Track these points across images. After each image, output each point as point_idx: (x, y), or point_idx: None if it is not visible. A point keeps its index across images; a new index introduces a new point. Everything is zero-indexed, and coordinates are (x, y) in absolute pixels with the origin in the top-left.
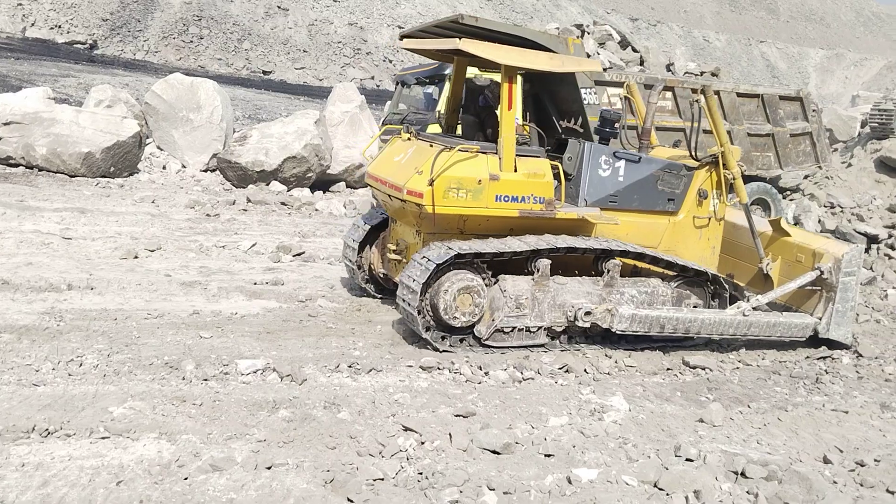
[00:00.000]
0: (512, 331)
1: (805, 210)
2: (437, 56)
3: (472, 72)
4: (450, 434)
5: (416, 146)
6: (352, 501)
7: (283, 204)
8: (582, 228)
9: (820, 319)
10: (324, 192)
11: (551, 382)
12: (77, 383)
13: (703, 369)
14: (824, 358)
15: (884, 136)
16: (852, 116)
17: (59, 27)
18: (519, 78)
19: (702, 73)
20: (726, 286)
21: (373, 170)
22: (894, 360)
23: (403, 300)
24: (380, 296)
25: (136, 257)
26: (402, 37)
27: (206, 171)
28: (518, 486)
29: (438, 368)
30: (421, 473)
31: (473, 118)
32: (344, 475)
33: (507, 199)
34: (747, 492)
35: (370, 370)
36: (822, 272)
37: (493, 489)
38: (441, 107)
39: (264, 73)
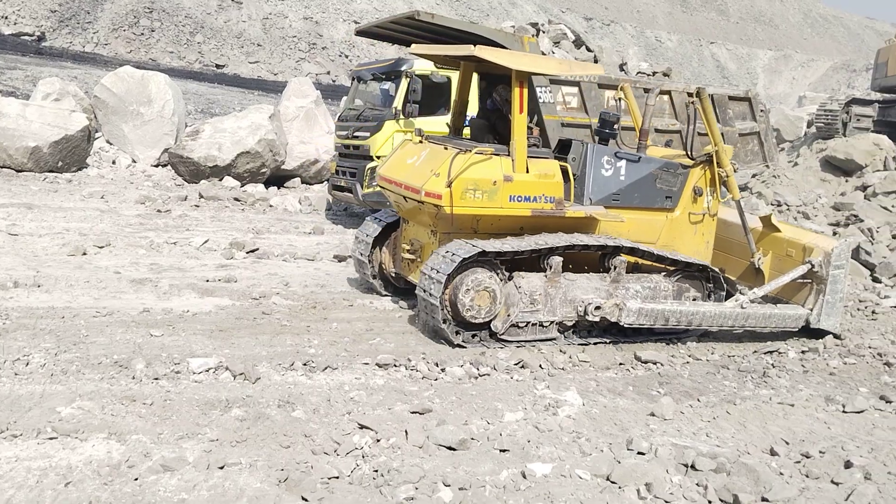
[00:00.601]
0: (526, 325)
1: (752, 208)
2: (444, 61)
3: (428, 67)
4: (406, 431)
5: (429, 149)
6: (306, 500)
7: (236, 200)
8: (588, 226)
9: (811, 310)
10: (278, 188)
11: (507, 378)
12: (24, 383)
13: (655, 364)
14: (771, 352)
15: (829, 136)
16: (799, 117)
17: (6, 18)
18: (475, 75)
19: (654, 73)
20: (724, 281)
21: (385, 172)
22: (839, 354)
23: (425, 290)
24: (386, 293)
25: (84, 254)
26: (358, 32)
27: (156, 166)
28: (473, 481)
29: (395, 366)
30: (376, 471)
31: (483, 121)
32: (298, 474)
33: (520, 199)
34: (697, 484)
35: (325, 368)
36: (812, 266)
37: (449, 485)
38: (398, 103)
39: (217, 66)
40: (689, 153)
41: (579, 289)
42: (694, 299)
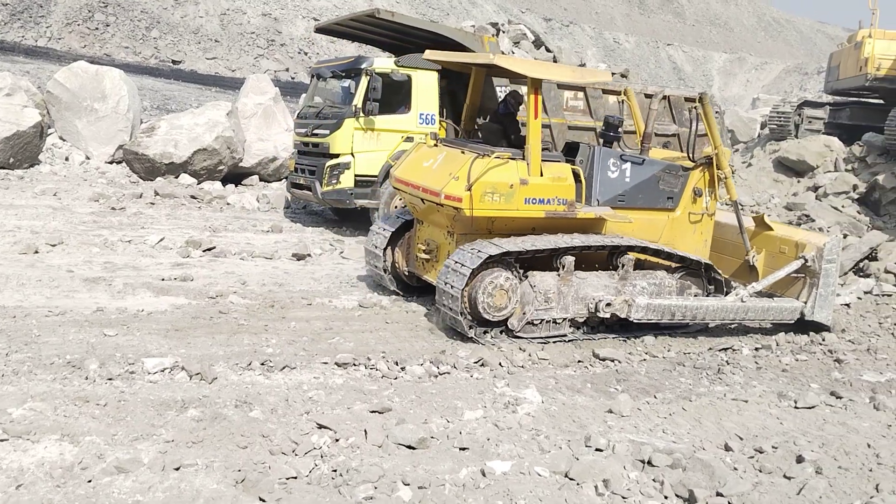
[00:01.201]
0: (540, 323)
1: None
2: (459, 67)
3: (388, 65)
4: (365, 430)
5: (445, 153)
6: (264, 501)
7: (192, 197)
8: (597, 226)
9: (805, 303)
10: (236, 186)
11: (467, 376)
12: None
13: (613, 361)
14: (725, 349)
15: (782, 138)
16: (752, 118)
17: None
18: (436, 74)
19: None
20: (723, 278)
21: (401, 174)
22: (791, 351)
23: (447, 282)
24: (395, 289)
25: (36, 252)
26: (318, 29)
27: (111, 162)
28: (433, 480)
29: (354, 365)
30: (335, 471)
31: (496, 125)
32: (256, 474)
33: (534, 201)
34: (654, 479)
35: (283, 367)
36: (806, 261)
37: (408, 484)
38: (357, 101)
39: (174, 62)
40: (690, 155)
41: (590, 286)
42: (695, 295)
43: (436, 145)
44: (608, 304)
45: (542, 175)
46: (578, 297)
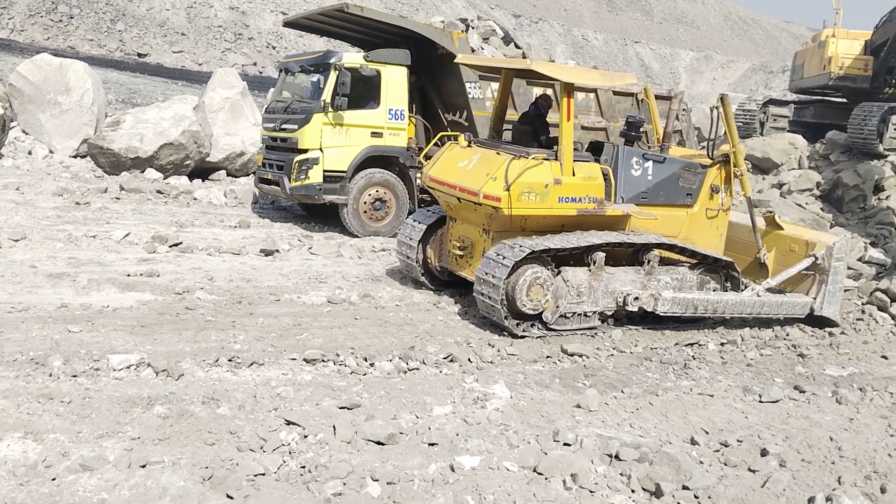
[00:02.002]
0: (572, 316)
1: None
2: (492, 71)
3: (357, 60)
4: (334, 426)
5: (480, 153)
6: (231, 498)
7: (159, 192)
8: (622, 223)
9: (815, 299)
10: (203, 181)
11: (436, 372)
12: None
13: (581, 356)
14: (692, 345)
15: (747, 135)
16: None
17: None
18: (405, 69)
19: None
20: (739, 275)
21: (435, 173)
22: (756, 346)
23: (490, 267)
24: (431, 286)
25: None
26: (286, 23)
27: (75, 157)
28: (402, 475)
29: (323, 361)
30: (304, 467)
31: (528, 126)
32: (223, 471)
33: (567, 200)
34: (621, 473)
35: (251, 364)
36: (816, 258)
37: (377, 480)
38: (326, 96)
39: (139, 55)
40: (709, 153)
41: (618, 281)
42: (714, 290)
43: (469, 145)
44: (636, 298)
45: (574, 175)
46: (608, 292)
